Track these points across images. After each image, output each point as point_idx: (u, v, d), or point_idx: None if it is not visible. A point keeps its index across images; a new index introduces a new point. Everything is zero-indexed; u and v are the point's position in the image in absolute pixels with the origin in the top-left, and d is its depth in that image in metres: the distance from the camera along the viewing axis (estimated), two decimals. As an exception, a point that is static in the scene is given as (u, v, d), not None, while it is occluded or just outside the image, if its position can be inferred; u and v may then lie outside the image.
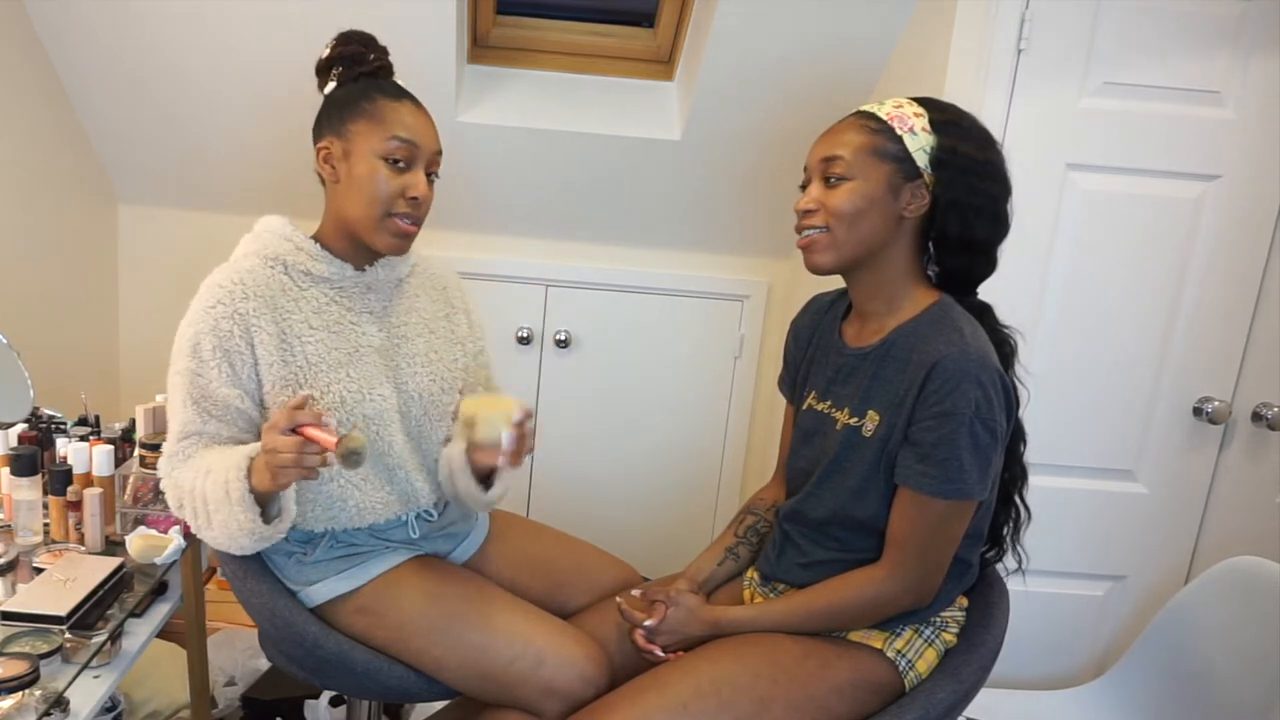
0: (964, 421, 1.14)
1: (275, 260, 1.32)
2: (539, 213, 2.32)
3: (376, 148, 1.26)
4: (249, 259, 1.32)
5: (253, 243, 1.35)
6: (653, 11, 2.18)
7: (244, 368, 1.26)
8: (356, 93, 1.30)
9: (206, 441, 1.26)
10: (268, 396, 1.28)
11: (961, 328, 1.20)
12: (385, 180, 1.26)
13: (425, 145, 1.29)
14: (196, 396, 1.25)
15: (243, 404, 1.27)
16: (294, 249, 1.33)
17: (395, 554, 1.37)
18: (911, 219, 1.23)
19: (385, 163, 1.26)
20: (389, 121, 1.26)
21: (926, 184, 1.22)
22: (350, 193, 1.28)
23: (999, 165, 1.23)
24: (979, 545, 1.30)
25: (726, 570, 1.46)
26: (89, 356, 2.26)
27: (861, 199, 1.21)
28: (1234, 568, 1.61)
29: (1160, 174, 1.78)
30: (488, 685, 1.31)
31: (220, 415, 1.26)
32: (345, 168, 1.29)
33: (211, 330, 1.25)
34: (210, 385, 1.25)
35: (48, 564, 1.39)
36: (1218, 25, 1.72)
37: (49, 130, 2.03)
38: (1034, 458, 1.84)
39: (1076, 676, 1.99)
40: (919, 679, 1.28)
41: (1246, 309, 1.85)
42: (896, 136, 1.21)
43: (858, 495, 1.25)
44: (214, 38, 1.95)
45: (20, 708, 1.12)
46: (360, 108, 1.28)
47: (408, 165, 1.27)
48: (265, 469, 1.14)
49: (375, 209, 1.27)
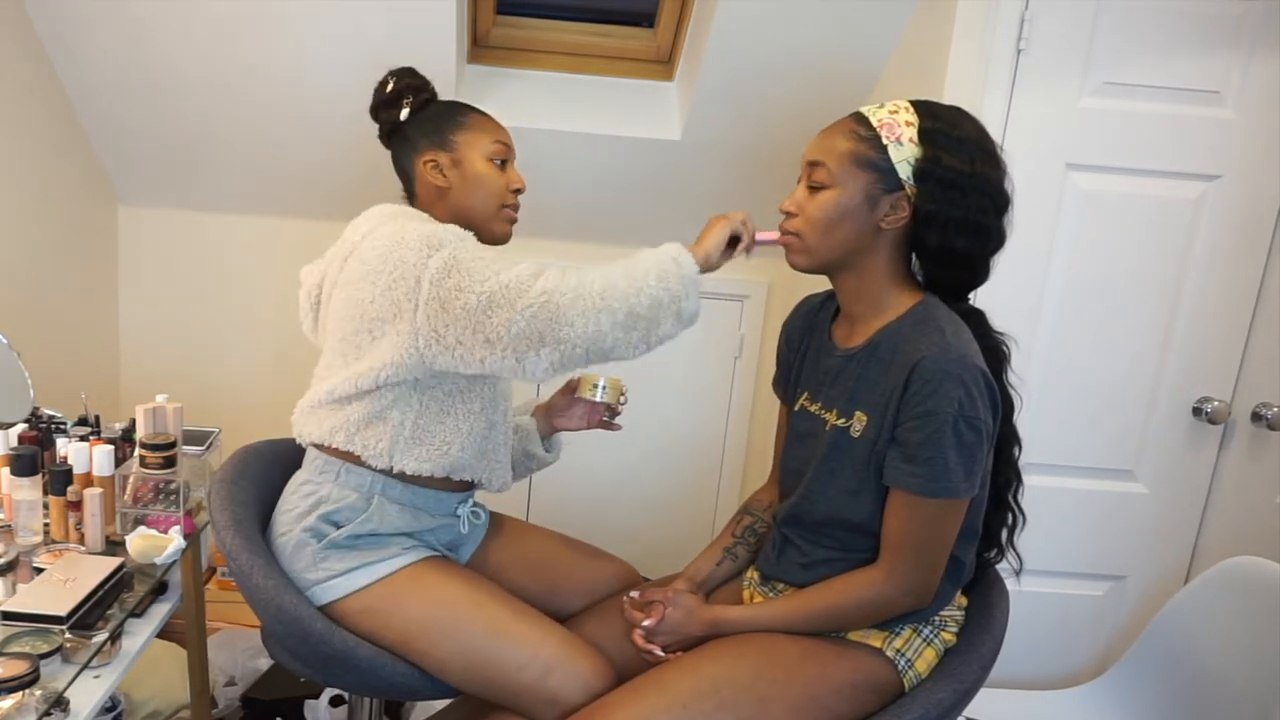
0: (947, 421, 1.14)
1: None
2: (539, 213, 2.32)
3: (484, 151, 1.42)
4: (410, 222, 1.32)
5: (396, 215, 1.35)
6: (653, 11, 2.18)
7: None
8: (444, 112, 1.45)
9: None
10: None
11: (943, 328, 1.20)
12: (496, 180, 1.43)
13: (512, 145, 1.47)
14: (493, 258, 1.27)
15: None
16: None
17: (407, 553, 1.37)
18: (890, 230, 1.23)
19: (490, 164, 1.43)
20: (486, 129, 1.44)
21: (908, 195, 1.21)
22: (470, 191, 1.42)
23: (989, 177, 1.21)
24: (973, 543, 1.30)
25: (725, 571, 1.47)
26: (89, 356, 2.26)
27: (835, 210, 1.22)
28: (1234, 568, 1.62)
29: (1160, 174, 1.78)
30: (491, 690, 1.31)
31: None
32: (458, 174, 1.42)
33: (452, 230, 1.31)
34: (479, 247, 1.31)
35: (48, 564, 1.39)
36: (1218, 25, 1.72)
37: (49, 130, 2.03)
38: (1034, 458, 1.85)
39: (1076, 676, 1.99)
40: (918, 678, 1.28)
41: (1246, 309, 1.85)
42: (882, 146, 1.20)
43: (852, 498, 1.25)
44: (214, 38, 1.95)
45: (20, 708, 1.12)
46: (457, 121, 1.43)
47: (506, 163, 1.45)
48: (710, 231, 1.32)
49: (494, 201, 1.43)
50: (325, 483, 1.37)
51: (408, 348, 1.27)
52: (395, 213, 1.36)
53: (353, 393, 1.33)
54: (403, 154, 1.45)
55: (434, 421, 1.36)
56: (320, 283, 1.41)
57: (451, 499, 1.44)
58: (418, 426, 1.35)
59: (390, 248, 1.26)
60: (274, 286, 2.34)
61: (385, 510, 1.36)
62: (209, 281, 2.36)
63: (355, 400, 1.33)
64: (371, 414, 1.33)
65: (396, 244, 1.26)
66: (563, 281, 1.23)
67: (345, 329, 1.32)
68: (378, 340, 1.29)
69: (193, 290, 2.36)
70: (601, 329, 1.22)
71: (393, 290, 1.25)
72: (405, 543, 1.38)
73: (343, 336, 1.33)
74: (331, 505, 1.35)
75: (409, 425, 1.34)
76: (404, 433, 1.34)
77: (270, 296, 2.36)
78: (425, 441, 1.35)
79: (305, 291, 1.45)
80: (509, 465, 1.52)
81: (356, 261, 1.30)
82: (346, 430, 1.34)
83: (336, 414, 1.35)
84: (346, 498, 1.35)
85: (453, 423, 1.37)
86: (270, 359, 2.38)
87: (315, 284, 1.43)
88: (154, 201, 2.30)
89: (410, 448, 1.35)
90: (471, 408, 1.38)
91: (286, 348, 2.33)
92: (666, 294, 1.25)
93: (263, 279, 2.36)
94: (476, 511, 1.52)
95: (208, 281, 2.36)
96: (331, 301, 1.36)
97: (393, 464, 1.34)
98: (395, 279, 1.25)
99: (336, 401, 1.35)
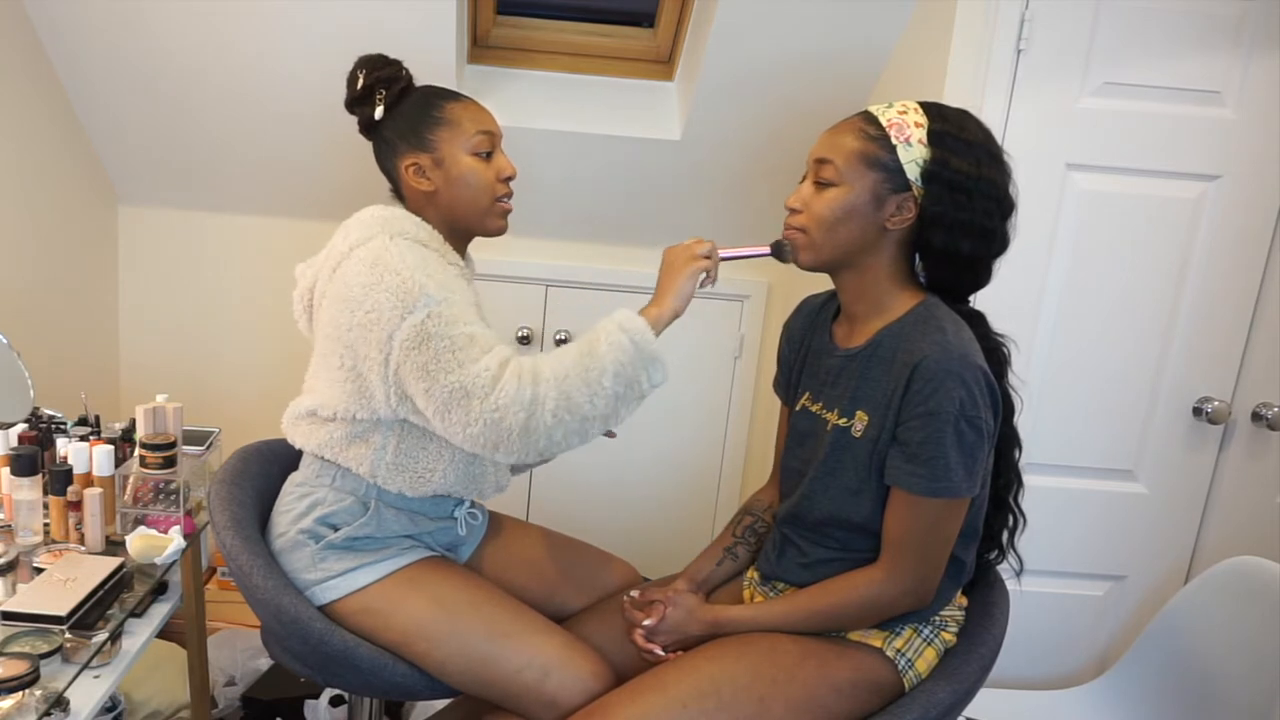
0: (949, 420, 1.14)
1: (424, 246, 1.32)
2: (539, 213, 2.32)
3: (465, 146, 1.37)
4: (397, 240, 1.29)
5: (386, 225, 1.32)
6: (653, 11, 2.18)
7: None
8: (417, 108, 1.38)
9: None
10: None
11: (944, 327, 1.20)
12: (481, 172, 1.38)
13: (497, 130, 1.41)
14: (466, 313, 1.26)
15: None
16: (432, 240, 1.35)
17: (406, 554, 1.37)
18: (896, 230, 1.23)
19: (475, 157, 1.37)
20: (464, 121, 1.37)
21: (915, 196, 1.21)
22: (456, 192, 1.38)
23: (996, 182, 1.21)
24: (973, 543, 1.30)
25: (725, 570, 1.47)
26: (89, 356, 2.26)
27: (842, 208, 1.22)
28: (1234, 568, 1.62)
29: (1160, 174, 1.78)
30: (490, 691, 1.32)
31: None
32: (441, 174, 1.37)
33: (426, 269, 1.26)
34: (463, 301, 1.27)
35: (48, 564, 1.40)
36: (1218, 25, 1.71)
37: (49, 130, 2.03)
38: (1034, 458, 1.86)
39: (1076, 676, 1.99)
40: (918, 678, 1.28)
41: (1246, 309, 1.85)
42: (891, 146, 1.20)
43: (853, 497, 1.25)
44: (214, 37, 1.95)
45: (20, 708, 1.12)
46: (433, 118, 1.37)
47: (491, 152, 1.39)
48: (677, 282, 1.28)
49: (483, 198, 1.39)
50: (321, 486, 1.37)
51: (379, 395, 1.28)
52: (385, 222, 1.31)
53: (331, 416, 1.33)
54: (383, 155, 1.41)
55: (416, 447, 1.34)
56: (313, 286, 1.39)
57: (447, 503, 1.44)
58: (399, 451, 1.34)
59: (369, 284, 1.23)
60: (274, 286, 2.34)
61: (383, 515, 1.36)
62: (209, 281, 2.36)
63: (337, 421, 1.34)
64: (353, 434, 1.33)
65: (375, 283, 1.23)
66: (519, 391, 1.20)
67: (327, 346, 1.32)
68: (352, 368, 1.29)
69: (193, 290, 2.36)
70: (554, 440, 1.23)
71: (367, 330, 1.24)
72: (404, 543, 1.38)
73: (325, 352, 1.33)
74: (328, 508, 1.35)
75: (390, 450, 1.33)
76: (385, 457, 1.33)
77: (270, 296, 2.36)
78: (407, 468, 1.35)
79: (299, 292, 1.43)
80: (501, 478, 1.48)
81: (341, 281, 1.28)
82: (331, 446, 1.35)
83: (320, 430, 1.36)
84: (343, 501, 1.35)
85: (436, 448, 1.35)
86: (270, 359, 2.38)
87: (308, 287, 1.40)
88: (154, 201, 2.30)
89: (392, 473, 1.34)
90: None
91: (286, 347, 2.33)
92: (626, 387, 1.24)
93: (263, 279, 2.35)
94: (474, 513, 1.51)
95: (208, 281, 2.36)
96: (321, 310, 1.34)
97: (376, 483, 1.35)
98: (371, 320, 1.24)
99: (319, 419, 1.35)
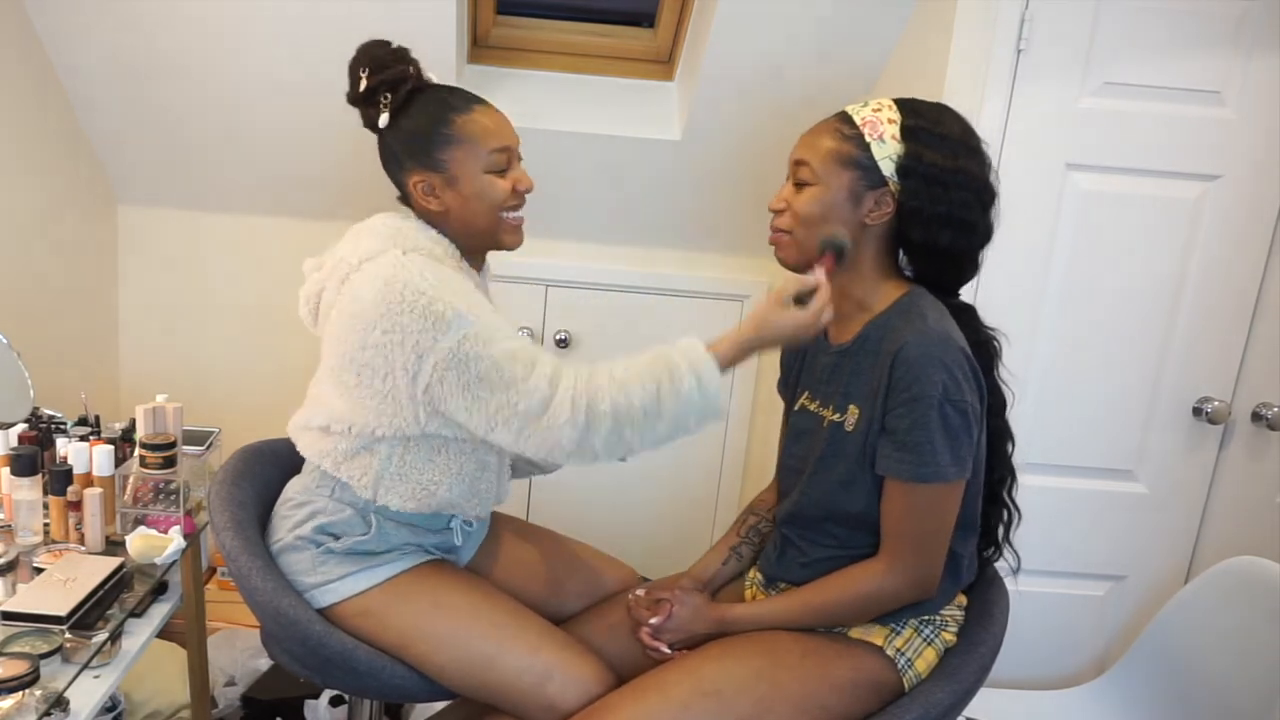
0: (933, 404, 1.15)
1: (439, 263, 1.29)
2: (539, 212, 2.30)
3: (480, 165, 1.30)
4: (411, 255, 1.25)
5: (397, 239, 1.28)
6: (653, 11, 2.18)
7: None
8: (426, 120, 1.30)
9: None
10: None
11: (926, 315, 1.21)
12: (498, 189, 1.31)
13: (514, 142, 1.34)
14: (499, 327, 1.23)
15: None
16: (447, 256, 1.32)
17: (406, 558, 1.37)
18: (876, 225, 1.24)
19: (492, 174, 1.31)
20: (478, 138, 1.29)
21: (892, 192, 1.22)
22: (469, 211, 1.32)
23: (973, 172, 1.22)
24: (971, 537, 1.31)
25: (730, 570, 1.47)
26: (89, 356, 2.26)
27: (821, 206, 1.23)
28: (1234, 568, 1.62)
29: (1160, 174, 1.78)
30: (489, 694, 1.31)
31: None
32: (454, 194, 1.31)
33: (450, 286, 1.22)
34: (489, 314, 1.24)
35: (48, 564, 1.40)
36: (1218, 25, 1.71)
37: (49, 130, 2.03)
38: (1034, 458, 1.86)
39: (1076, 676, 1.99)
40: (918, 678, 1.28)
41: (1246, 309, 1.85)
42: (865, 144, 1.22)
43: (845, 489, 1.26)
44: (214, 37, 1.95)
45: (20, 708, 1.12)
46: (443, 135, 1.29)
47: (508, 166, 1.33)
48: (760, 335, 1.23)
49: (496, 215, 1.33)
50: (320, 497, 1.36)
51: (404, 414, 1.26)
52: (396, 235, 1.27)
53: (344, 431, 1.31)
54: (390, 163, 1.35)
55: (423, 459, 1.32)
56: (320, 293, 1.34)
57: (444, 515, 1.42)
58: (404, 463, 1.31)
59: (389, 304, 1.19)
60: (274, 287, 2.34)
61: (383, 528, 1.35)
62: (209, 281, 2.36)
63: (348, 435, 1.31)
64: (359, 445, 1.31)
65: (396, 302, 1.19)
66: (573, 416, 1.18)
67: (335, 361, 1.28)
68: (366, 385, 1.25)
69: (193, 290, 2.36)
70: (598, 457, 1.23)
71: (389, 352, 1.21)
72: (404, 547, 1.38)
73: (333, 366, 1.29)
74: (327, 518, 1.35)
75: (395, 461, 1.31)
76: (390, 468, 1.31)
77: (270, 297, 2.35)
78: (411, 479, 1.32)
79: (306, 294, 1.39)
80: (503, 492, 1.46)
81: (350, 296, 1.25)
82: (334, 457, 1.33)
83: (324, 440, 1.34)
84: (342, 512, 1.35)
85: (443, 462, 1.33)
86: (270, 359, 2.38)
87: (315, 291, 1.36)
88: (154, 201, 2.30)
89: (395, 484, 1.32)
90: (464, 446, 1.34)
91: (286, 348, 2.33)
92: (678, 429, 1.25)
93: (263, 279, 2.35)
94: (469, 522, 1.49)
95: (208, 281, 2.35)
96: (329, 321, 1.31)
97: (375, 497, 1.32)
98: (393, 342, 1.20)
99: (324, 431, 1.33)
